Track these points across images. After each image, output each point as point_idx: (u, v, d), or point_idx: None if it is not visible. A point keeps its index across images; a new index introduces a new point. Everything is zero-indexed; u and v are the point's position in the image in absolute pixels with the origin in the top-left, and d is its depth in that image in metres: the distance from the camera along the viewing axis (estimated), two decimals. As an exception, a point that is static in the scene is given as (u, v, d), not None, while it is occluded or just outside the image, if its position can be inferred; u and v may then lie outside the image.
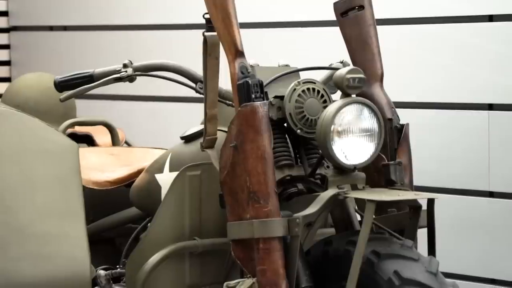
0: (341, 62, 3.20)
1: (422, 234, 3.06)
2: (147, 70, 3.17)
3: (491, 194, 3.88)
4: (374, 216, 2.86)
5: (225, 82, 3.04)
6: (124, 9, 4.80)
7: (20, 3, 5.19)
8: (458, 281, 3.06)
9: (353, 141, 2.95)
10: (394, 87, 3.23)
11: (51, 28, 5.10)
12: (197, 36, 3.04)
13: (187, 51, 3.39)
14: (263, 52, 3.33)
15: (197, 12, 3.05)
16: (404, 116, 3.17)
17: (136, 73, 3.15)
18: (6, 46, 5.22)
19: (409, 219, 3.05)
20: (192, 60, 3.20)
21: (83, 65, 3.30)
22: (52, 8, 5.09)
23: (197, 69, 3.12)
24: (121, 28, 4.82)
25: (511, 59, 3.82)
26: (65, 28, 5.07)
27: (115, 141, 3.86)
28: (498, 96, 3.85)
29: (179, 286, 3.13)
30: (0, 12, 5.20)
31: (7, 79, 5.14)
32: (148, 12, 4.72)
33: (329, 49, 3.31)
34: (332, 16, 3.22)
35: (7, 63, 5.22)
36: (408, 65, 3.95)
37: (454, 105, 3.94)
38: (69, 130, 3.76)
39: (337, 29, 3.20)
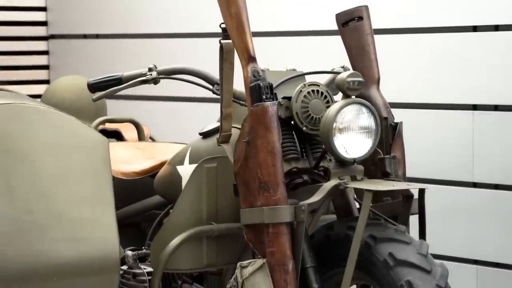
0: (342, 67, 3.20)
1: (413, 220, 3.05)
2: (169, 74, 3.17)
3: (474, 185, 3.88)
4: (371, 204, 2.86)
5: (239, 84, 3.02)
6: (149, 19, 4.80)
7: (58, 14, 5.19)
8: (445, 262, 3.06)
9: (352, 137, 2.95)
10: (389, 89, 3.22)
11: (84, 36, 5.10)
12: (214, 43, 3.03)
13: (205, 57, 3.38)
14: (273, 57, 3.33)
15: (214, 22, 3.04)
16: (398, 115, 3.17)
17: (160, 76, 3.15)
18: (45, 52, 5.22)
19: (402, 207, 3.05)
20: (209, 64, 3.19)
21: (113, 69, 3.29)
22: (86, 18, 5.09)
23: (214, 72, 3.11)
24: (146, 36, 4.82)
25: (493, 65, 3.81)
26: (97, 36, 5.07)
27: (141, 137, 3.86)
28: (481, 98, 3.85)
29: (197, 265, 3.13)
30: (40, 22, 5.20)
31: (46, 81, 5.15)
32: (170, 22, 4.71)
33: (331, 56, 3.31)
34: (334, 26, 3.21)
35: (46, 67, 5.23)
36: (402, 70, 3.95)
37: (442, 105, 3.93)
38: (100, 127, 3.76)
39: (338, 38, 3.20)
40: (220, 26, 2.99)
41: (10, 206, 2.92)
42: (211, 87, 3.18)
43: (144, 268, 3.18)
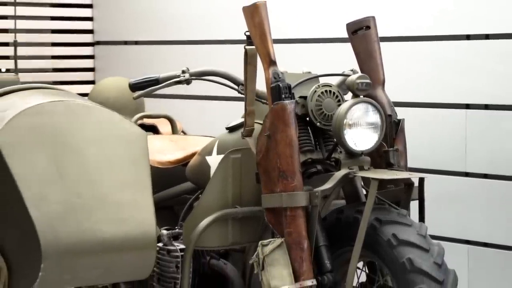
0: (352, 70, 3.19)
1: (414, 205, 3.04)
2: (200, 75, 3.17)
3: (466, 174, 3.87)
4: (376, 191, 2.85)
5: (260, 85, 3.02)
6: (181, 28, 4.81)
7: (102, 23, 5.21)
8: (440, 242, 3.04)
9: (361, 132, 2.95)
10: (393, 90, 3.22)
11: (125, 43, 5.11)
12: (239, 49, 3.03)
13: (232, 61, 3.38)
14: (291, 61, 3.32)
15: (240, 30, 3.04)
16: (401, 113, 3.16)
17: (192, 77, 3.16)
18: (91, 57, 5.24)
19: (404, 194, 3.05)
20: (234, 67, 3.18)
21: (150, 71, 3.29)
22: (126, 27, 5.10)
23: (239, 74, 3.11)
24: (179, 43, 4.83)
25: (484, 69, 3.80)
26: (136, 42, 5.08)
27: (174, 131, 3.86)
28: (473, 98, 3.84)
29: (223, 243, 3.13)
30: (87, 30, 5.22)
31: (92, 82, 5.16)
32: (200, 30, 4.72)
33: (342, 60, 3.30)
34: (345, 34, 3.20)
35: (92, 69, 5.24)
36: (404, 73, 3.94)
37: (439, 104, 3.93)
38: (139, 122, 3.76)
39: (348, 44, 3.19)
40: (245, 34, 2.99)
41: (62, 191, 2.93)
42: (236, 87, 3.18)
43: (177, 246, 3.18)
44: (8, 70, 4.87)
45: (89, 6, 5.22)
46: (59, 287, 3.28)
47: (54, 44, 5.25)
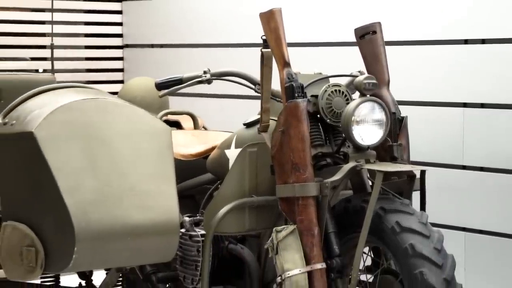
0: (359, 72, 3.18)
1: (416, 195, 3.03)
2: (220, 75, 3.17)
3: (464, 167, 3.87)
4: (381, 182, 2.84)
5: (275, 85, 3.01)
6: (202, 32, 4.82)
7: (131, 28, 5.22)
8: (440, 229, 3.03)
9: (367, 128, 2.94)
10: (397, 90, 3.21)
11: (152, 46, 5.12)
12: (256, 52, 3.02)
13: (249, 62, 3.37)
14: (304, 63, 3.31)
15: (257, 34, 3.03)
16: (404, 110, 3.15)
17: (212, 77, 3.15)
18: (120, 58, 5.25)
19: (407, 185, 3.04)
20: (252, 68, 3.18)
21: (174, 71, 3.29)
22: (153, 32, 5.11)
23: (256, 75, 3.10)
24: (201, 46, 4.83)
25: (480, 71, 3.80)
26: (161, 45, 5.08)
27: (196, 126, 3.86)
28: (470, 97, 3.84)
29: (240, 229, 3.12)
30: (117, 34, 5.23)
31: (121, 81, 5.17)
32: (220, 34, 4.73)
33: (350, 62, 3.29)
34: (353, 38, 3.19)
35: (121, 70, 5.25)
36: (407, 74, 3.94)
37: (439, 103, 3.93)
38: (164, 118, 3.76)
39: (356, 48, 3.18)
40: (261, 38, 2.99)
41: (94, 180, 2.93)
42: (253, 86, 3.17)
43: (198, 231, 3.17)
44: (45, 71, 4.88)
45: (119, 12, 5.23)
46: (90, 268, 3.29)
47: (87, 47, 5.26)
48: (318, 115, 3.01)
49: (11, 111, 3.15)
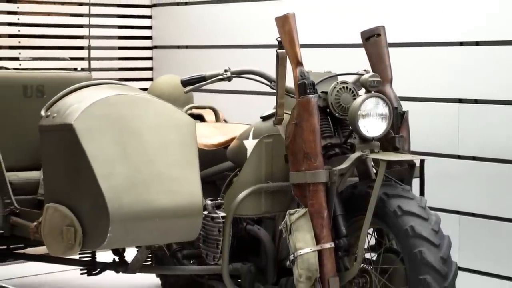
0: (365, 70, 3.15)
1: (415, 182, 3.02)
2: (240, 73, 3.16)
3: (459, 157, 3.84)
4: (384, 170, 2.82)
5: (289, 82, 3.00)
6: (224, 34, 4.81)
7: (159, 31, 5.22)
8: (437, 212, 3.02)
9: (372, 121, 2.92)
10: (399, 87, 3.19)
11: (178, 47, 5.11)
12: (272, 52, 3.01)
13: (266, 62, 3.36)
14: (315, 63, 3.30)
15: (272, 36, 3.02)
16: (405, 105, 3.13)
17: (233, 75, 3.14)
18: (150, 58, 5.25)
19: (407, 172, 3.02)
20: (268, 67, 3.16)
21: (198, 70, 3.28)
22: (179, 34, 5.10)
23: (271, 73, 3.09)
24: (223, 47, 4.82)
25: (474, 70, 3.75)
26: (186, 47, 5.07)
27: (217, 119, 3.85)
28: (465, 94, 3.79)
29: (257, 212, 3.11)
30: (147, 37, 5.24)
31: (150, 79, 5.17)
32: (240, 36, 4.71)
33: (357, 62, 3.27)
34: (359, 40, 3.17)
35: (150, 69, 5.25)
36: (408, 73, 3.91)
37: (437, 99, 3.90)
38: (189, 112, 3.75)
39: (362, 49, 3.15)
40: (276, 39, 2.97)
41: (126, 168, 2.93)
42: (269, 83, 3.16)
43: (219, 213, 3.16)
44: (83, 69, 4.88)
45: (149, 17, 5.23)
46: (123, 246, 3.29)
47: (120, 48, 5.26)
48: (328, 110, 2.99)
49: (53, 105, 3.15)
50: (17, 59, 4.78)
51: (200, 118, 3.85)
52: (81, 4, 4.94)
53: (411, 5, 3.97)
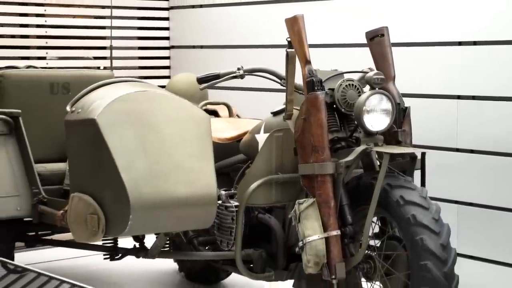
0: (369, 68, 3.13)
1: (417, 173, 3.00)
2: (252, 71, 3.15)
3: (457, 150, 3.82)
4: (388, 162, 2.80)
5: (298, 79, 2.98)
6: (237, 35, 4.80)
7: (176, 32, 5.21)
8: (437, 202, 3.00)
9: (376, 117, 2.90)
10: (401, 84, 3.17)
11: (193, 47, 5.10)
12: (282, 52, 3.00)
13: (276, 61, 3.35)
14: (322, 61, 3.28)
15: (282, 37, 3.01)
16: (407, 101, 3.11)
17: (245, 73, 3.13)
18: (167, 57, 5.24)
19: (409, 164, 3.00)
20: (278, 66, 3.15)
21: (213, 68, 3.27)
22: (194, 35, 5.10)
23: (281, 71, 3.07)
24: (236, 47, 4.81)
25: (472, 68, 3.73)
26: (201, 46, 5.06)
27: (230, 114, 3.84)
28: (464, 91, 3.77)
29: (268, 201, 3.09)
30: (165, 37, 5.23)
31: (168, 77, 5.16)
32: (252, 37, 4.70)
33: (361, 60, 3.25)
34: (364, 41, 3.15)
35: (168, 67, 5.24)
36: (410, 71, 3.89)
37: (437, 95, 3.88)
38: (204, 107, 3.73)
39: (366, 49, 3.14)
40: (286, 39, 2.96)
41: (145, 160, 2.93)
42: (279, 81, 3.15)
43: (233, 203, 3.16)
44: (105, 68, 4.88)
45: (167, 19, 5.22)
46: (143, 233, 3.29)
47: (140, 48, 5.26)
48: (334, 105, 2.97)
49: (78, 101, 3.15)
50: (44, 58, 4.78)
51: (214, 113, 3.83)
52: (103, 7, 4.94)
53: (413, 7, 3.95)
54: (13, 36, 4.78)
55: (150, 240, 3.38)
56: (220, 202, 3.18)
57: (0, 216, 3.44)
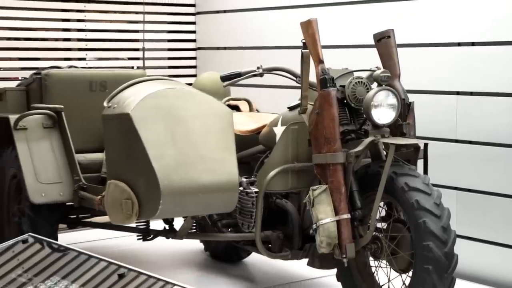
0: (377, 67, 3.09)
1: (420, 162, 2.96)
2: (270, 70, 3.12)
3: (456, 141, 3.77)
4: (393, 152, 2.77)
5: (312, 77, 2.95)
6: (257, 37, 4.78)
7: (202, 35, 5.19)
8: (438, 188, 2.97)
9: (383, 111, 2.88)
10: (406, 81, 3.13)
11: (217, 48, 5.08)
12: (297, 52, 2.98)
13: (292, 60, 3.32)
14: (334, 61, 3.24)
15: (298, 39, 2.98)
16: (411, 97, 3.08)
17: (264, 71, 3.11)
18: (194, 58, 5.23)
19: (413, 154, 2.97)
20: (294, 65, 3.12)
21: (235, 67, 3.25)
22: (218, 38, 5.08)
23: (297, 70, 3.04)
24: (256, 48, 4.79)
25: (470, 67, 3.68)
26: (225, 48, 5.04)
27: (251, 109, 3.82)
28: (462, 87, 3.72)
29: (285, 188, 3.07)
30: (191, 40, 5.23)
31: (194, 75, 5.15)
32: (270, 39, 4.68)
33: (370, 60, 3.21)
34: (372, 42, 3.12)
35: (194, 67, 5.23)
36: (413, 69, 3.84)
37: (438, 91, 3.83)
38: (227, 103, 3.72)
39: (374, 49, 3.10)
40: (301, 41, 2.93)
41: (174, 150, 2.92)
42: (295, 78, 3.12)
43: (253, 189, 3.15)
44: (138, 67, 4.87)
45: (193, 23, 5.21)
46: (172, 216, 3.28)
47: (169, 50, 5.25)
48: (345, 101, 2.95)
49: (114, 98, 3.14)
50: (84, 59, 4.79)
51: (236, 108, 3.81)
52: (137, 13, 4.93)
53: (417, 12, 3.91)
54: (56, 40, 4.79)
55: (178, 223, 3.37)
56: (241, 188, 3.16)
57: (45, 201, 3.45)
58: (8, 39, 4.54)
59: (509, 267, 3.55)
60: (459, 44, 3.75)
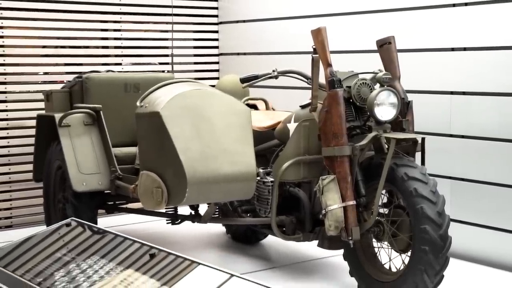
0: (379, 70, 3.05)
1: (418, 155, 2.93)
2: (284, 73, 3.10)
3: (451, 135, 3.72)
4: (394, 146, 2.74)
5: (321, 79, 2.92)
6: (273, 43, 4.75)
7: (224, 42, 5.17)
8: (434, 178, 2.93)
9: (385, 109, 2.85)
10: (405, 82, 3.09)
11: (238, 54, 5.06)
12: (308, 57, 2.95)
13: (304, 64, 3.29)
14: (341, 64, 3.21)
15: (308, 45, 2.95)
16: (410, 96, 3.05)
17: (279, 74, 3.08)
18: (217, 63, 5.21)
19: (412, 147, 2.93)
20: (306, 68, 3.09)
21: (253, 70, 3.23)
22: (238, 44, 5.06)
23: (308, 72, 3.01)
24: (271, 53, 4.76)
25: (463, 69, 3.63)
26: (244, 53, 5.02)
27: (267, 108, 3.80)
28: (455, 87, 3.67)
29: (297, 177, 3.06)
30: (214, 46, 5.20)
31: (217, 78, 5.13)
32: (284, 45, 4.65)
33: (373, 63, 3.17)
34: (375, 47, 3.08)
35: (217, 70, 5.21)
36: (411, 72, 3.79)
37: (434, 91, 3.78)
38: (246, 102, 3.70)
39: (377, 54, 3.06)
40: (312, 47, 2.90)
41: (199, 144, 2.91)
42: (306, 80, 3.10)
43: (269, 179, 3.13)
44: (168, 71, 4.87)
45: (216, 32, 5.18)
46: (197, 203, 3.27)
47: (195, 55, 5.24)
48: (351, 100, 2.92)
49: (145, 98, 3.14)
50: (120, 64, 4.80)
51: (254, 107, 3.79)
52: (167, 23, 4.93)
53: (414, 20, 3.86)
54: (96, 47, 4.80)
55: (203, 209, 3.36)
56: (258, 178, 3.15)
57: (86, 189, 3.46)
58: (55, 47, 4.56)
59: (497, 247, 3.52)
60: (452, 49, 3.70)
